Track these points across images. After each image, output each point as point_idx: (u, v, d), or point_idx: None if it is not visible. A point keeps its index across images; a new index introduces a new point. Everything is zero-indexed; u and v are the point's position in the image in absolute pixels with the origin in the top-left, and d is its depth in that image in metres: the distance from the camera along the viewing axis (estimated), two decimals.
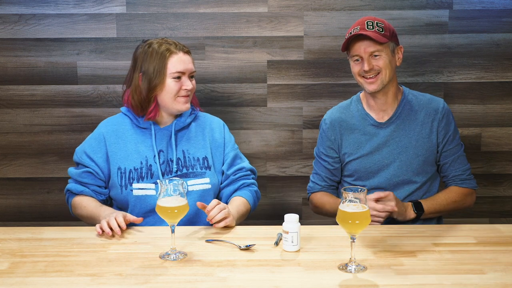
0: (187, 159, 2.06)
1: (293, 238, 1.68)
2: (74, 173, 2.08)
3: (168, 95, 2.01)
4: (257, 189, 2.16)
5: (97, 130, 2.11)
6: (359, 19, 2.05)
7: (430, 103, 2.11)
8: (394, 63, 2.05)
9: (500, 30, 2.59)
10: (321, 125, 2.22)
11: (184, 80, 2.02)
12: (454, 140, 2.11)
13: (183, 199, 1.63)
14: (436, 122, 2.08)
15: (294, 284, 1.47)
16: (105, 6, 2.57)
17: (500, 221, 2.72)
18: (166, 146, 2.05)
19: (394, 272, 1.53)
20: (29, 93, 2.64)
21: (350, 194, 1.54)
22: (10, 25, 2.59)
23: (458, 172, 2.11)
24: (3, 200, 2.73)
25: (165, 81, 2.00)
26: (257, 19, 2.59)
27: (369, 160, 2.10)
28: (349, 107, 2.18)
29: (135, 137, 2.06)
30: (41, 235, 1.84)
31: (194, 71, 2.07)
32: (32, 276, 1.53)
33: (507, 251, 1.67)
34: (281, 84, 2.64)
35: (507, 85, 2.63)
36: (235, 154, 2.13)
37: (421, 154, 2.08)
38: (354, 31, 2.00)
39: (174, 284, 1.48)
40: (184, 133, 2.09)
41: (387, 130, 2.10)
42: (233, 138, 2.18)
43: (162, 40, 2.03)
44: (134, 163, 2.03)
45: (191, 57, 2.06)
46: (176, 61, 2.00)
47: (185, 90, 2.01)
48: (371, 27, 1.99)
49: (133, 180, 2.01)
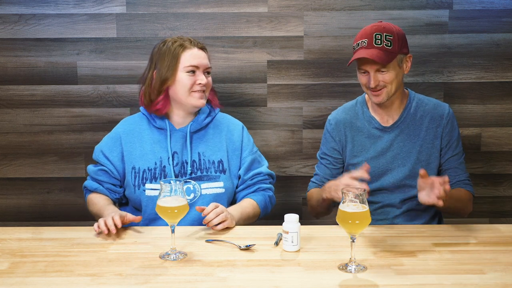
0: (202, 161, 2.05)
1: (293, 238, 1.68)
2: (91, 170, 2.11)
3: (182, 89, 2.02)
4: (272, 194, 2.14)
5: (115, 129, 2.13)
6: (368, 28, 1.99)
7: (435, 109, 2.09)
8: (401, 74, 2.02)
9: (500, 30, 2.58)
10: (326, 125, 2.20)
11: (198, 74, 2.02)
12: (458, 146, 2.09)
13: (183, 199, 1.63)
14: (440, 128, 2.07)
15: (294, 284, 1.47)
16: (105, 6, 2.57)
17: (500, 221, 2.72)
18: (181, 148, 2.05)
19: (394, 272, 1.53)
20: (29, 93, 2.64)
21: (350, 194, 1.54)
22: (10, 25, 2.59)
23: (461, 177, 2.09)
24: (3, 200, 2.73)
25: (177, 74, 2.01)
26: (257, 19, 2.59)
27: (373, 164, 2.08)
28: (354, 109, 2.16)
29: (152, 137, 2.07)
30: (41, 235, 1.84)
31: (210, 67, 2.07)
32: (32, 276, 1.53)
33: (507, 251, 1.67)
34: (281, 84, 2.64)
35: (507, 85, 2.63)
36: (253, 158, 2.11)
37: (424, 160, 2.07)
38: (362, 45, 1.96)
39: (174, 284, 1.48)
40: (201, 134, 2.09)
41: (392, 135, 2.09)
42: (252, 140, 2.16)
43: (177, 38, 2.06)
44: (148, 163, 2.03)
45: (207, 53, 2.08)
46: (189, 56, 2.02)
47: (200, 84, 2.01)
48: (379, 42, 1.94)
49: (146, 180, 2.02)
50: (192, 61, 2.01)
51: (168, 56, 2.01)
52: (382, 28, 1.96)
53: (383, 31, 1.95)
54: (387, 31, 1.96)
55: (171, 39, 2.06)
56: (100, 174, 2.08)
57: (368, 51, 1.93)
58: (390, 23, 2.01)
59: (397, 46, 1.95)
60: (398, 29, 2.00)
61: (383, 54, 1.93)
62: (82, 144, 2.67)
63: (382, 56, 1.93)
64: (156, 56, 2.04)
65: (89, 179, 2.12)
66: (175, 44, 2.03)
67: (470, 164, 2.63)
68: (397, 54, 1.96)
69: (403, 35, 2.00)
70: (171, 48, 2.02)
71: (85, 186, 2.13)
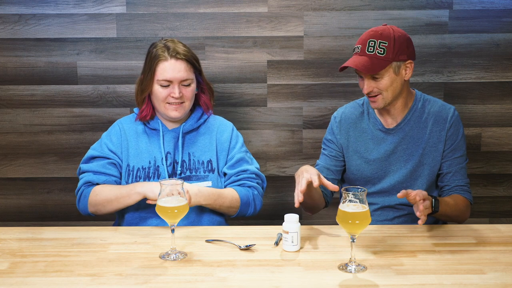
0: (191, 161, 2.05)
1: (293, 238, 1.68)
2: (95, 165, 2.03)
3: (156, 100, 2.04)
4: (257, 194, 2.07)
5: (113, 128, 2.13)
6: (366, 33, 1.97)
7: (440, 112, 2.06)
8: (399, 80, 1.97)
9: (500, 30, 2.58)
10: (331, 121, 2.19)
11: (172, 87, 2.00)
12: (461, 150, 2.06)
13: (183, 199, 1.63)
14: (444, 132, 2.04)
15: (294, 284, 1.47)
16: (105, 6, 2.57)
17: (500, 221, 2.72)
18: (173, 148, 2.06)
19: (394, 272, 1.53)
20: (29, 93, 2.64)
21: (350, 194, 1.54)
22: (10, 25, 2.59)
23: (461, 182, 2.06)
24: (3, 200, 2.73)
25: (153, 85, 2.03)
26: (257, 19, 2.59)
27: (375, 166, 2.08)
28: (361, 108, 2.15)
29: (147, 136, 2.08)
30: (41, 235, 1.84)
31: (188, 79, 2.02)
32: (32, 276, 1.53)
33: (507, 251, 1.67)
34: (281, 84, 2.64)
35: (507, 85, 2.63)
36: (240, 156, 2.09)
37: (427, 163, 2.05)
38: (356, 50, 1.96)
39: (174, 284, 1.48)
40: (193, 135, 2.10)
41: (395, 137, 2.07)
42: (241, 141, 2.14)
43: (163, 43, 2.04)
44: (143, 162, 2.04)
45: (187, 63, 2.02)
46: (163, 69, 2.00)
47: (173, 98, 2.01)
48: (372, 49, 1.92)
49: (139, 179, 2.02)
50: (165, 74, 1.99)
51: (149, 63, 2.02)
52: (379, 35, 1.93)
53: (379, 37, 1.93)
54: (383, 37, 1.93)
55: (159, 43, 2.05)
56: (110, 167, 2.04)
57: (357, 59, 1.93)
58: (394, 28, 1.96)
59: (392, 53, 1.92)
60: (399, 35, 1.95)
61: (372, 62, 1.91)
62: (82, 144, 2.66)
63: (369, 65, 1.91)
64: (146, 59, 2.06)
65: (90, 174, 2.02)
66: (157, 51, 2.01)
67: (470, 164, 2.63)
68: (391, 61, 1.92)
69: (404, 41, 1.95)
70: (152, 55, 2.02)
71: (88, 181, 2.01)
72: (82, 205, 2.03)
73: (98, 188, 1.99)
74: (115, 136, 2.09)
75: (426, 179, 2.06)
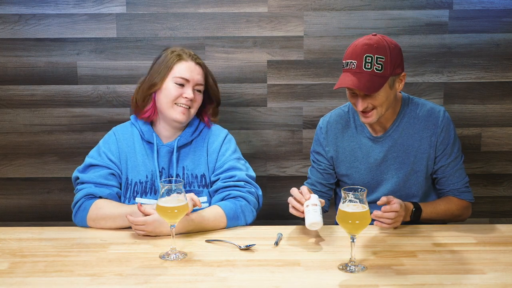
0: (185, 176, 2.03)
1: (320, 210, 1.74)
2: (96, 176, 1.96)
3: (165, 98, 2.00)
4: (245, 204, 1.94)
5: (110, 137, 2.08)
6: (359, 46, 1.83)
7: (429, 117, 2.00)
8: (393, 94, 1.91)
9: (500, 30, 2.58)
10: (317, 131, 2.16)
11: (186, 88, 2.00)
12: (453, 153, 2.01)
13: (183, 199, 1.64)
14: (435, 137, 1.99)
15: (294, 284, 1.47)
16: (105, 6, 2.57)
17: (500, 221, 2.71)
18: (168, 163, 2.04)
19: (394, 272, 1.53)
20: (29, 93, 2.64)
21: (350, 194, 1.54)
22: (10, 25, 2.59)
23: (457, 186, 2.04)
24: (3, 200, 2.73)
25: (165, 81, 2.00)
26: (257, 19, 2.59)
27: (366, 176, 2.06)
28: (346, 116, 2.10)
29: (143, 149, 2.05)
30: (41, 235, 1.85)
31: (201, 85, 2.03)
32: (32, 276, 1.53)
33: (507, 251, 1.67)
34: (281, 84, 2.64)
35: (507, 85, 2.63)
36: (231, 164, 2.02)
37: (419, 170, 2.02)
38: (351, 66, 1.83)
39: (174, 284, 1.48)
40: (187, 149, 2.07)
41: (384, 145, 2.03)
42: (233, 148, 2.08)
43: (180, 49, 2.06)
44: (140, 176, 2.02)
45: (203, 70, 2.05)
46: (183, 67, 2.01)
47: (185, 98, 1.98)
48: (369, 66, 1.80)
49: (136, 194, 2.00)
50: (184, 73, 1.99)
51: (163, 63, 2.02)
52: (375, 49, 1.82)
53: (375, 52, 1.81)
54: (379, 52, 1.81)
55: (173, 48, 2.07)
56: (111, 178, 1.99)
57: (356, 78, 1.81)
58: (385, 38, 1.87)
59: (389, 68, 1.83)
60: (392, 46, 1.85)
61: (372, 80, 1.81)
62: (82, 144, 2.66)
63: (369, 85, 1.81)
64: (154, 62, 2.07)
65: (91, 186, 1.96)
66: (174, 53, 2.03)
67: (470, 164, 2.63)
68: (388, 77, 1.83)
69: (398, 52, 1.87)
70: (167, 56, 2.03)
71: (89, 194, 1.93)
72: (79, 218, 1.94)
73: (100, 202, 1.91)
74: (113, 146, 2.05)
75: (421, 185, 2.04)
